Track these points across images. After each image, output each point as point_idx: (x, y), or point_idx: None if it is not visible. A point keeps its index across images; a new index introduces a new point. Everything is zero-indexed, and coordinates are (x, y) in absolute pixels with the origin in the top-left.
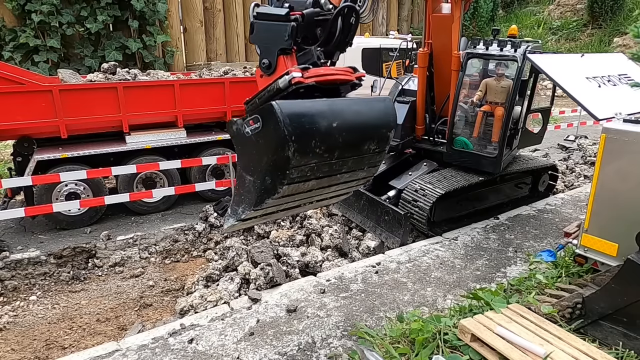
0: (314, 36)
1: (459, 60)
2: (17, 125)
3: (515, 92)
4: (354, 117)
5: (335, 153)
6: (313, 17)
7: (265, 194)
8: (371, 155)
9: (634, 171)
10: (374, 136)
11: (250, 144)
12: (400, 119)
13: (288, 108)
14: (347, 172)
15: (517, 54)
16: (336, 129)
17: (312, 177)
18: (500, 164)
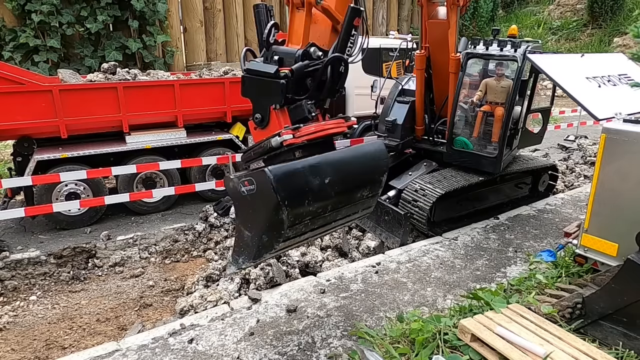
0: (305, 87)
1: (456, 62)
2: (17, 125)
3: (515, 92)
4: (345, 169)
5: (328, 207)
6: (303, 70)
7: (262, 249)
8: (365, 200)
9: (634, 171)
10: (367, 183)
11: (247, 203)
12: (400, 119)
13: (280, 174)
14: (341, 219)
15: (517, 54)
16: (328, 185)
17: (307, 230)
18: (500, 164)
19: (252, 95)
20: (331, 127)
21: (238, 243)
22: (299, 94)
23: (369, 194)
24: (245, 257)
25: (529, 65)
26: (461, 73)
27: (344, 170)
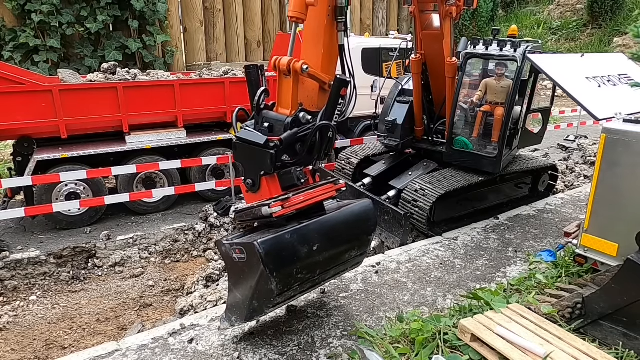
0: (295, 152)
1: (452, 67)
2: (17, 125)
3: (515, 92)
4: (334, 234)
5: (317, 271)
6: (292, 138)
7: (254, 313)
8: (354, 259)
9: (634, 171)
10: (356, 244)
11: (238, 269)
12: (400, 119)
13: (269, 247)
14: (330, 277)
15: (517, 54)
16: (317, 251)
17: (297, 293)
18: (500, 164)
19: (243, 162)
20: (319, 194)
21: (231, 303)
22: (290, 157)
23: (358, 253)
24: (238, 317)
25: (528, 65)
26: (461, 73)
27: (332, 234)
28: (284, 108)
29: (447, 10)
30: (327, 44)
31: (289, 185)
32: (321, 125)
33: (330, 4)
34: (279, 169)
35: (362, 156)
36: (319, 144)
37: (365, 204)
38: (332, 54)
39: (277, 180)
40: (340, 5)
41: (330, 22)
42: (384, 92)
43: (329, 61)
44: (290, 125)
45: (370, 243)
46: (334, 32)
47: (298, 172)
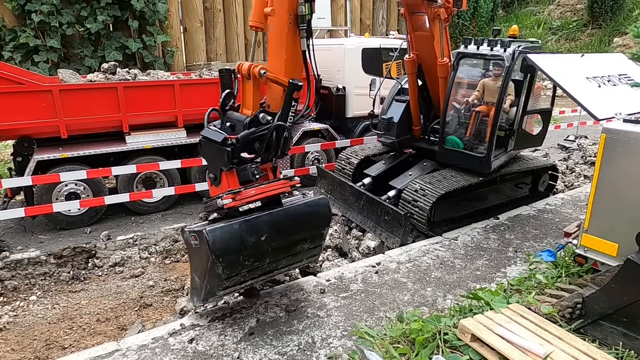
0: (253, 150)
1: (444, 67)
2: (17, 125)
3: (503, 92)
4: (283, 226)
5: (266, 259)
6: (249, 137)
7: (208, 294)
8: (307, 251)
9: (634, 171)
10: (307, 237)
11: (195, 254)
12: (396, 118)
13: (216, 235)
14: (284, 267)
15: (505, 54)
16: (265, 241)
17: (247, 279)
18: (489, 164)
19: (207, 158)
20: (271, 189)
21: (192, 285)
22: (252, 153)
23: (311, 246)
24: (197, 298)
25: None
26: (453, 73)
27: (282, 226)
28: (246, 109)
29: (434, 12)
30: (290, 50)
31: (246, 180)
32: (276, 125)
33: (291, 12)
34: (238, 165)
35: (362, 156)
36: (275, 143)
37: (319, 200)
38: (296, 59)
39: (235, 175)
40: (300, 14)
41: (292, 30)
42: (384, 92)
43: (292, 66)
44: (248, 125)
45: (323, 237)
46: (296, 39)
47: (254, 168)
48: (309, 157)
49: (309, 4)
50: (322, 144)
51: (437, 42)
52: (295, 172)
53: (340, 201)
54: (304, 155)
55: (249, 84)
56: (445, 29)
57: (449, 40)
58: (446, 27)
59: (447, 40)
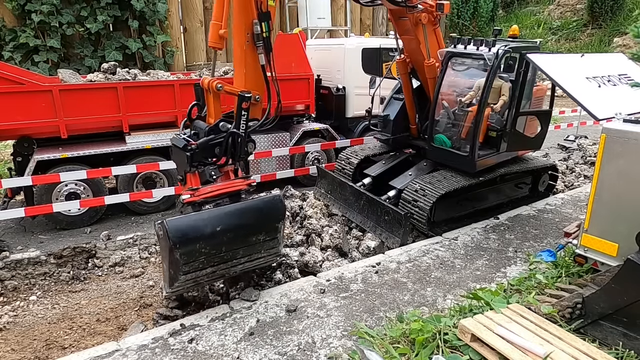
0: (214, 154)
1: (431, 69)
2: (17, 125)
3: (486, 91)
4: (237, 220)
5: (222, 248)
6: (208, 144)
7: (172, 280)
8: (264, 243)
9: (634, 171)
10: (262, 229)
11: (161, 243)
12: (392, 115)
13: (174, 224)
14: (243, 257)
15: (486, 53)
16: (220, 232)
17: (206, 266)
18: (474, 164)
19: (175, 161)
20: (227, 187)
21: (163, 273)
22: (208, 159)
23: (267, 238)
24: (167, 284)
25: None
26: (441, 72)
27: (236, 221)
28: (210, 118)
29: (416, 17)
30: (250, 65)
31: (207, 181)
32: (230, 133)
33: (248, 31)
34: (199, 167)
35: (362, 156)
36: (231, 148)
37: (273, 196)
38: (255, 73)
39: (197, 176)
40: (256, 33)
41: (250, 47)
42: (385, 91)
43: (252, 79)
44: (207, 132)
45: (279, 230)
46: (254, 55)
47: (211, 170)
48: (309, 157)
49: (265, 23)
50: (322, 144)
51: (423, 46)
52: (295, 172)
53: (340, 201)
54: (304, 155)
55: (211, 96)
56: (436, 31)
57: (441, 41)
58: (437, 30)
59: (440, 41)
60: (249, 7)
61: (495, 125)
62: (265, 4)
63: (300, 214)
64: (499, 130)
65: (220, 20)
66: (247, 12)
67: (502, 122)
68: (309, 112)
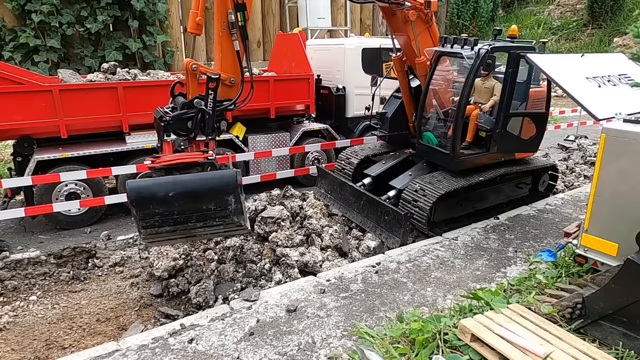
0: (186, 127)
1: (422, 66)
2: (17, 125)
3: (466, 90)
4: (188, 188)
5: (174, 211)
6: (181, 117)
7: (139, 234)
8: (215, 212)
9: (634, 171)
10: (211, 200)
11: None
12: (390, 113)
13: (133, 185)
14: (197, 222)
15: (466, 52)
16: (172, 197)
17: (163, 225)
18: (456, 162)
19: (156, 130)
20: (185, 157)
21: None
22: (183, 131)
23: (219, 208)
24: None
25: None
26: (430, 71)
27: (187, 189)
28: (189, 95)
29: (404, 14)
30: (225, 50)
31: (176, 150)
32: (199, 109)
33: (224, 20)
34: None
35: (362, 156)
36: (200, 123)
37: (227, 171)
38: (230, 58)
39: (171, 145)
40: (231, 21)
41: (226, 34)
42: (385, 91)
43: (227, 63)
44: (181, 107)
45: (229, 203)
46: (229, 42)
47: (180, 141)
48: (309, 157)
49: (240, 13)
50: (322, 144)
51: (413, 43)
52: (295, 172)
53: (340, 201)
54: (304, 155)
55: (189, 75)
56: (431, 29)
57: (436, 40)
58: (431, 28)
59: (435, 39)
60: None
61: (484, 125)
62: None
63: (300, 214)
64: (489, 131)
65: (197, 8)
66: (224, 2)
67: (492, 122)
68: (309, 112)
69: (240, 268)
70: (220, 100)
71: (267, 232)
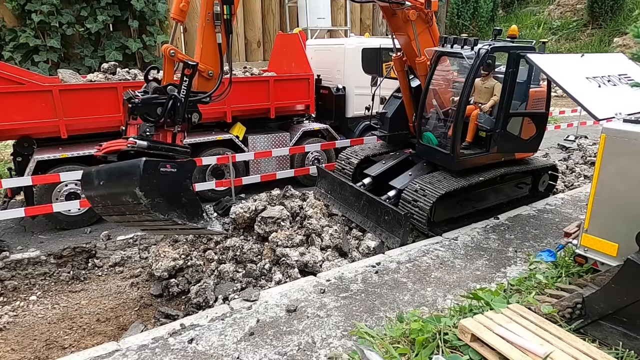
0: (156, 113)
1: (422, 66)
2: (17, 125)
3: (466, 90)
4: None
5: (107, 202)
6: (151, 101)
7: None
8: (135, 205)
9: (634, 171)
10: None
11: None
12: (390, 113)
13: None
14: (128, 215)
15: (467, 52)
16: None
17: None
18: (456, 162)
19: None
20: (110, 146)
21: None
22: (151, 116)
23: (134, 201)
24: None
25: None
26: (430, 71)
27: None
28: (164, 81)
29: (404, 14)
30: (206, 42)
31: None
32: (171, 96)
33: (209, 10)
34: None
35: (362, 156)
36: (171, 111)
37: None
38: (211, 49)
39: (136, 128)
40: (216, 12)
41: (210, 25)
42: (385, 92)
43: (206, 54)
44: (153, 91)
45: (138, 197)
46: (212, 33)
47: (146, 126)
48: (309, 157)
49: (227, 6)
50: (322, 144)
51: (413, 43)
52: (295, 172)
53: (340, 201)
54: (304, 155)
55: (166, 61)
56: (431, 29)
57: (437, 40)
58: (432, 28)
59: (436, 39)
60: None
61: (484, 125)
62: None
63: (300, 214)
64: (489, 131)
65: None
66: None
67: (492, 122)
68: (309, 112)
69: (240, 268)
70: (196, 91)
71: (267, 232)
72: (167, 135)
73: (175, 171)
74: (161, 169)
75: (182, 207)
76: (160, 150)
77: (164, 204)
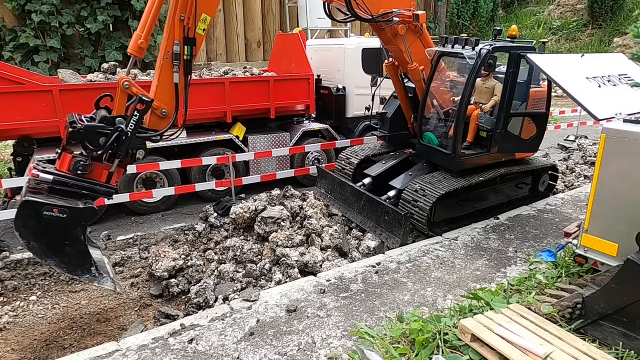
0: (98, 143)
1: (415, 73)
2: (17, 125)
3: (467, 90)
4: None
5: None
6: (95, 129)
7: None
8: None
9: (634, 171)
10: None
11: None
12: (390, 113)
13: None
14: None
15: (468, 52)
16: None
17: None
18: (458, 162)
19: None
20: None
21: None
22: (92, 145)
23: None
24: None
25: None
26: (431, 71)
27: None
28: (115, 112)
29: (392, 30)
30: (162, 80)
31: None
32: (117, 128)
33: (169, 49)
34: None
35: (362, 156)
36: (112, 143)
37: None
38: (166, 88)
39: (69, 159)
40: (175, 52)
41: (168, 64)
42: (385, 92)
43: (163, 93)
44: (100, 120)
45: (24, 238)
46: (169, 72)
47: (81, 161)
48: (309, 157)
49: (188, 47)
50: (322, 144)
51: (405, 54)
52: (295, 172)
53: (340, 201)
54: (304, 155)
55: (119, 91)
56: (423, 37)
57: (429, 43)
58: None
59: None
60: (175, 27)
61: (485, 125)
62: (192, 31)
63: (300, 214)
64: (490, 131)
65: (142, 31)
66: (172, 31)
67: (493, 122)
68: (309, 112)
69: (240, 268)
70: (146, 128)
71: (267, 232)
72: (102, 174)
73: (64, 217)
74: (44, 212)
75: (64, 257)
76: (70, 187)
77: (40, 249)
